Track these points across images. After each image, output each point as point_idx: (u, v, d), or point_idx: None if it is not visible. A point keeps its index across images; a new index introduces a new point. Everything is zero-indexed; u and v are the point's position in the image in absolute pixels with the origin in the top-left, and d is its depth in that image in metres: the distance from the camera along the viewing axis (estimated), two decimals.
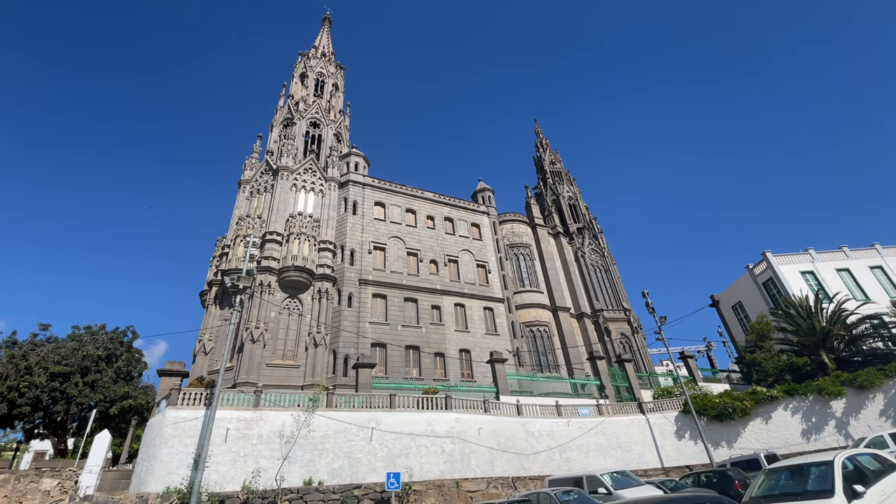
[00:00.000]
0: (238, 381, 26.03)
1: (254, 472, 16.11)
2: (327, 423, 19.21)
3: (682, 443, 26.03)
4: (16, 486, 17.21)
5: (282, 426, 18.02)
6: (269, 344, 28.90)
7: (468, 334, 35.27)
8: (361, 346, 30.60)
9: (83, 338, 27.81)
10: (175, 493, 14.65)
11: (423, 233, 39.29)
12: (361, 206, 37.48)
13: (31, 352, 26.01)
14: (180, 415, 17.12)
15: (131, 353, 29.72)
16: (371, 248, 35.53)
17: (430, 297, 35.74)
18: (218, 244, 34.94)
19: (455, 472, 20.30)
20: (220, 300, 31.47)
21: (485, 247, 41.75)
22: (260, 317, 29.06)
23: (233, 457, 16.92)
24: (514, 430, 23.61)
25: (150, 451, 16.86)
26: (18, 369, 24.91)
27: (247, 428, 17.81)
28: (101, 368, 27.18)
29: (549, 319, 40.82)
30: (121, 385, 27.47)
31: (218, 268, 32.75)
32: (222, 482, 15.89)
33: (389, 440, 19.93)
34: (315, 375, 28.61)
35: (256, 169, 37.56)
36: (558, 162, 62.27)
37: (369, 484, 17.55)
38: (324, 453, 18.58)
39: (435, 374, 32.00)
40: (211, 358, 29.25)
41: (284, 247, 32.29)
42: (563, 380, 35.03)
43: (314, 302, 31.65)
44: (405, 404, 21.75)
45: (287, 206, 34.49)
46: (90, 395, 26.18)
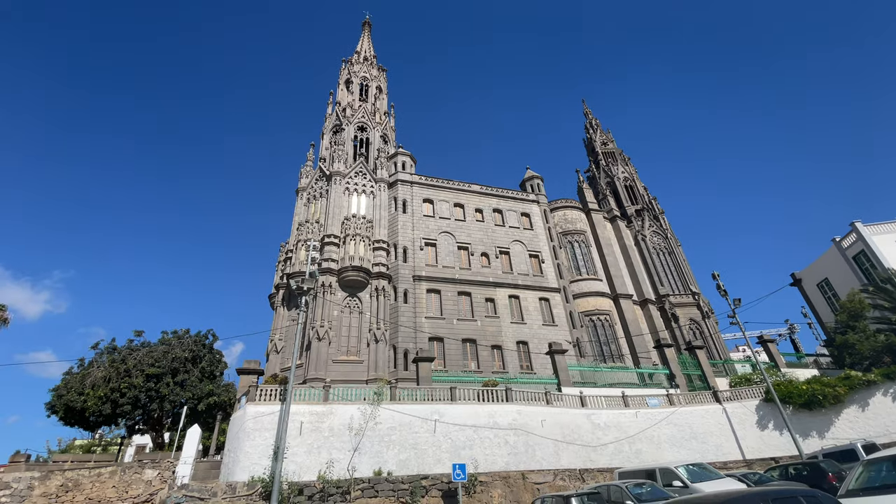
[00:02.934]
0: (308, 377, 27.54)
1: (327, 463, 17.03)
2: (392, 415, 19.83)
3: (766, 433, 24.18)
4: (122, 477, 19.38)
5: (350, 419, 18.86)
6: (333, 341, 30.31)
7: (524, 326, 34.87)
8: (419, 340, 31.24)
9: (171, 342, 30.70)
10: (259, 481, 15.85)
11: (472, 226, 39.27)
12: (410, 203, 38.10)
13: (129, 356, 29.11)
14: (259, 410, 18.43)
15: (213, 354, 32.38)
16: (422, 245, 36.07)
17: (483, 289, 35.71)
18: (282, 250, 37.11)
19: (520, 463, 20.24)
20: (287, 302, 33.42)
21: (536, 236, 40.96)
22: (324, 316, 30.53)
23: (307, 448, 17.98)
24: (579, 421, 23.09)
25: (235, 443, 18.33)
26: (119, 372, 27.99)
27: (319, 421, 18.83)
28: (188, 369, 29.88)
29: (609, 308, 39.38)
30: (206, 383, 30.05)
31: (283, 272, 34.78)
32: (300, 472, 16.94)
33: (453, 432, 20.22)
34: (378, 370, 29.64)
35: (311, 176, 39.33)
36: (610, 142, 59.65)
37: (436, 475, 17.94)
38: (391, 445, 19.22)
39: (493, 367, 31.99)
40: (282, 356, 31.17)
41: (342, 248, 33.62)
42: (628, 369, 33.71)
43: (372, 299, 32.73)
44: (466, 397, 21.96)
45: (342, 210, 35.83)
46: (180, 393, 28.87)
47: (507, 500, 18.04)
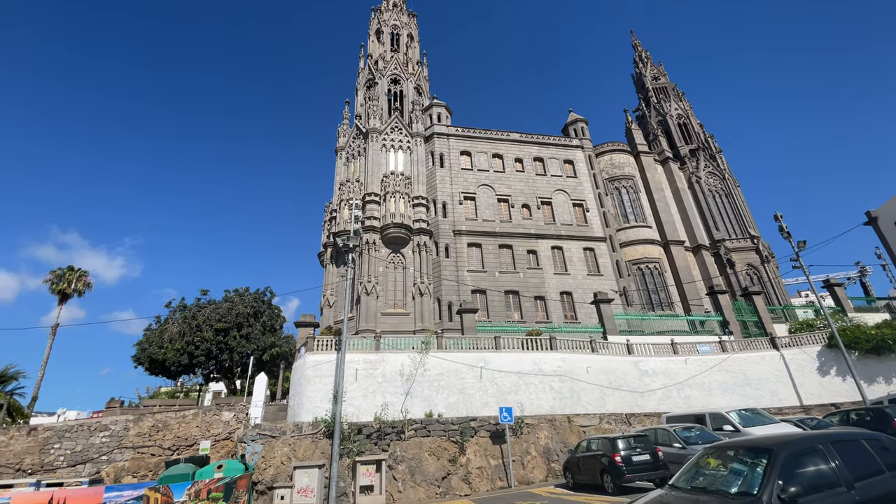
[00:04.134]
0: (359, 328, 29.08)
1: (382, 406, 18.28)
2: (440, 363, 20.71)
3: (826, 379, 23.19)
4: (203, 418, 21.83)
5: (401, 366, 19.92)
6: (381, 295, 31.54)
7: (568, 276, 34.48)
8: (462, 293, 31.81)
9: (234, 299, 33.15)
10: (322, 422, 17.35)
11: (511, 177, 38.30)
12: (448, 157, 37.50)
13: (198, 312, 31.82)
14: (317, 359, 19.82)
15: (272, 310, 34.74)
16: (461, 199, 35.80)
17: (524, 242, 35.33)
18: (326, 210, 38.13)
19: (565, 408, 20.77)
20: (335, 259, 34.79)
21: (580, 184, 39.42)
22: (370, 272, 31.63)
23: (363, 393, 19.31)
24: (625, 368, 23.10)
25: (298, 388, 19.98)
26: (191, 327, 30.79)
27: (372, 368, 20.04)
28: (251, 323, 32.36)
29: (659, 255, 37.94)
30: (268, 336, 32.54)
31: (329, 231, 35.95)
32: (358, 414, 18.34)
33: (498, 378, 20.92)
34: (424, 322, 30.72)
35: (348, 135, 39.40)
36: (662, 76, 54.94)
37: (483, 417, 18.81)
38: (440, 390, 20.24)
39: (536, 317, 32.22)
40: (334, 310, 32.92)
41: (383, 206, 34.06)
42: (678, 317, 32.85)
43: (415, 255, 33.36)
44: (510, 346, 22.43)
45: (380, 167, 35.94)
46: (246, 345, 31.50)
47: (553, 441, 18.73)
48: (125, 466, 19.60)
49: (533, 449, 18.38)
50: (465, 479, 16.74)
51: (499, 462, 17.62)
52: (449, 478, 16.67)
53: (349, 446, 16.43)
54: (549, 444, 18.61)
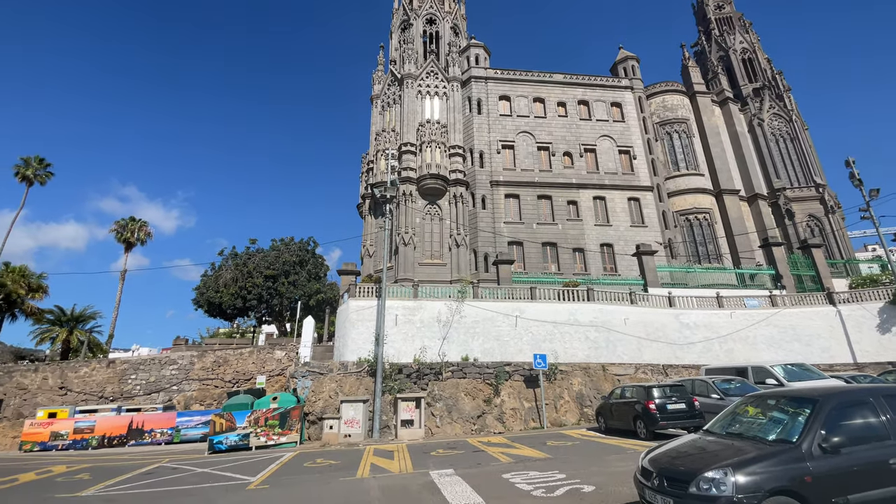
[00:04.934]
0: (398, 278, 29.93)
1: (420, 349, 19.15)
2: (475, 311, 21.17)
3: (887, 337, 21.86)
4: (258, 356, 23.74)
5: (438, 313, 20.55)
6: (418, 246, 32.03)
7: (609, 228, 33.40)
8: (499, 244, 31.71)
9: (280, 248, 34.81)
10: (365, 361, 18.50)
11: (553, 123, 36.49)
12: (486, 103, 36.03)
13: (249, 260, 33.77)
14: (359, 304, 20.77)
15: (316, 258, 36.29)
16: (499, 148, 34.72)
17: (564, 192, 34.22)
18: (364, 161, 38.28)
19: (600, 357, 20.91)
20: (373, 210, 35.32)
21: (628, 129, 37.07)
22: (407, 223, 31.98)
23: (403, 336, 20.23)
24: (665, 320, 22.71)
25: (342, 331, 21.19)
26: (243, 274, 32.83)
27: (410, 314, 20.82)
28: (297, 271, 34.08)
29: (710, 205, 35.84)
30: (313, 283, 34.27)
31: (367, 182, 36.27)
32: (398, 355, 19.34)
33: (533, 327, 21.20)
34: (460, 272, 31.13)
35: (383, 82, 38.48)
36: (727, 4, 49.15)
37: (518, 362, 19.34)
38: (475, 336, 20.84)
39: (574, 269, 31.81)
40: (374, 259, 33.90)
41: (419, 156, 33.70)
42: (725, 270, 31.48)
43: (451, 206, 33.23)
44: (546, 296, 22.47)
45: (416, 115, 35.18)
46: (294, 291, 33.38)
47: (587, 388, 19.10)
48: (193, 396, 21.93)
49: (566, 394, 18.86)
50: (499, 418, 17.56)
51: (532, 405, 18.28)
52: (484, 416, 17.54)
53: (390, 384, 17.51)
54: (582, 391, 19.01)
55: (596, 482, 8.05)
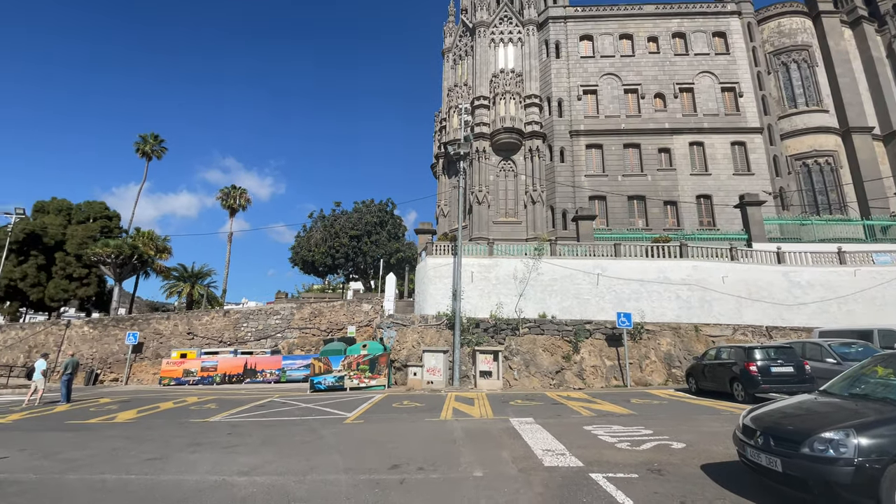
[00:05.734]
0: (473, 236, 30.08)
1: (497, 305, 19.33)
2: (553, 268, 20.68)
3: None
4: (348, 309, 25.63)
5: (514, 270, 20.42)
6: (492, 204, 31.67)
7: (708, 177, 30.12)
8: (578, 199, 30.21)
9: (362, 209, 36.51)
10: (444, 315, 19.19)
11: (643, 61, 32.91)
12: (565, 45, 33.36)
13: (335, 222, 35.95)
14: (436, 262, 21.32)
15: (394, 219, 37.63)
16: (580, 94, 32.30)
17: (655, 139, 31.22)
18: (436, 119, 38.03)
19: (692, 317, 19.51)
20: (446, 170, 35.34)
21: (734, 62, 32.32)
22: (481, 181, 31.60)
23: (479, 293, 20.52)
24: (771, 278, 20.39)
25: (421, 287, 22.03)
26: (331, 234, 35.12)
27: (486, 272, 20.95)
28: (378, 231, 35.68)
29: (834, 147, 30.64)
30: (393, 242, 35.74)
31: (440, 141, 36.16)
32: (474, 311, 19.74)
33: (616, 285, 20.25)
34: (536, 230, 30.38)
35: (454, 34, 37.20)
36: None
37: (599, 321, 18.75)
38: (553, 293, 20.48)
39: (665, 224, 29.44)
40: (449, 219, 34.29)
41: (492, 110, 32.61)
42: (851, 222, 27.10)
43: (526, 161, 32.07)
44: (631, 253, 21.20)
45: (488, 66, 33.78)
46: (376, 250, 35.12)
47: (676, 349, 18.05)
48: (294, 342, 24.52)
49: (653, 354, 18.03)
50: (578, 374, 17.39)
51: (614, 363, 17.78)
52: (563, 372, 17.47)
53: (468, 337, 18.03)
54: (671, 351, 18.02)
55: (686, 440, 7.69)
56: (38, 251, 36.04)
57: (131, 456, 7.36)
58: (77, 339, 24.96)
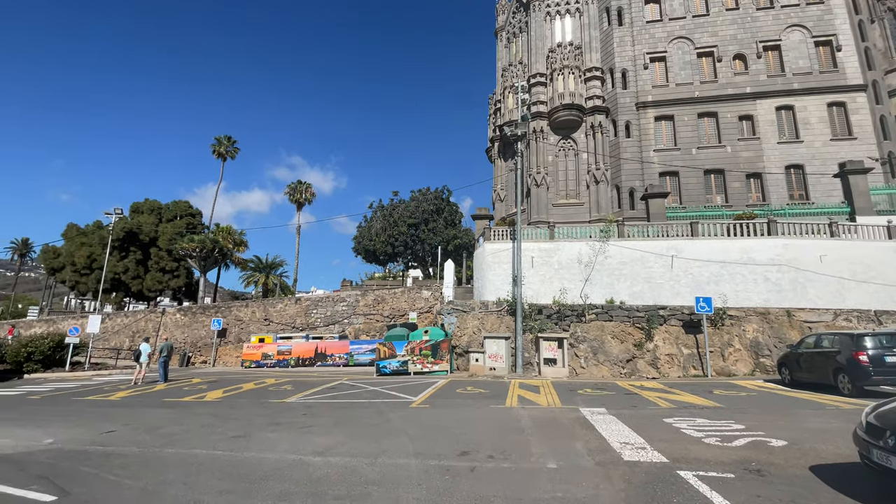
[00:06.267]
0: (531, 220, 29.22)
1: (560, 290, 18.62)
2: (621, 251, 19.53)
3: None
4: (408, 295, 26.06)
5: (578, 254, 19.54)
6: (551, 186, 30.51)
7: (799, 145, 26.80)
8: (647, 177, 28.21)
9: (419, 198, 36.90)
10: (504, 302, 18.85)
11: (719, 20, 29.73)
12: (628, 10, 30.95)
13: (393, 211, 36.67)
14: (494, 247, 20.96)
15: (451, 206, 37.66)
16: (646, 63, 29.91)
17: (735, 105, 28.25)
18: (490, 102, 37.17)
19: (783, 301, 17.57)
20: (502, 153, 34.53)
21: (828, 11, 28.26)
22: (539, 162, 30.49)
23: (540, 278, 19.92)
24: (881, 256, 17.83)
25: (480, 273, 21.81)
26: (389, 223, 35.89)
27: (547, 256, 20.26)
28: (434, 219, 35.93)
29: None
30: (450, 229, 35.85)
31: (494, 124, 35.35)
32: (536, 297, 19.19)
33: (693, 268, 18.72)
34: (600, 211, 28.87)
35: (507, 11, 35.92)
36: None
37: (674, 306, 17.46)
38: (621, 278, 19.37)
39: (748, 199, 26.69)
40: (506, 204, 33.58)
41: (549, 87, 31.20)
42: None
43: (588, 138, 30.44)
44: (710, 232, 19.45)
45: (544, 41, 32.27)
46: (433, 237, 35.43)
47: (765, 336, 16.37)
48: (360, 328, 25.44)
49: (737, 342, 16.51)
50: (652, 363, 16.35)
51: (692, 351, 16.50)
52: (634, 360, 16.53)
53: (530, 324, 17.58)
54: (758, 338, 16.38)
55: (787, 437, 6.86)
56: (136, 247, 40.33)
57: (218, 433, 7.91)
58: (171, 325, 27.69)
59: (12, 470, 5.73)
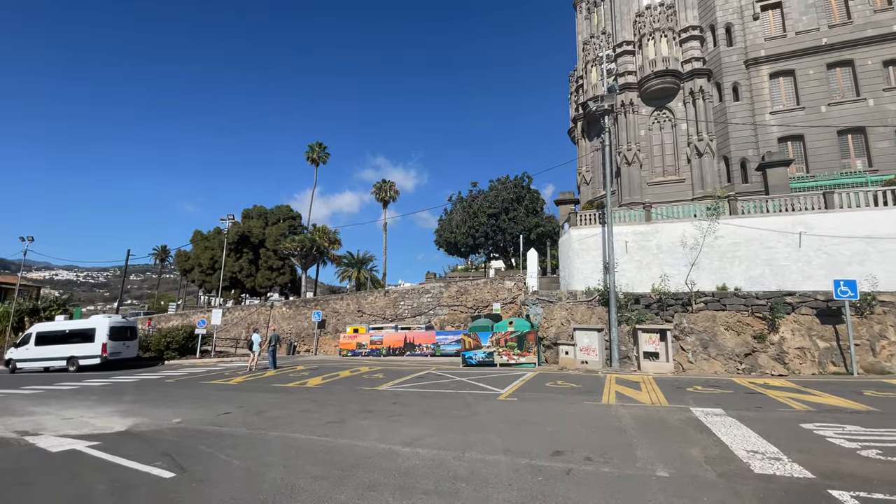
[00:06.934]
0: (622, 202, 27.04)
1: (660, 277, 16.83)
2: (734, 230, 17.14)
3: None
4: (491, 286, 25.69)
5: (681, 236, 17.51)
6: (645, 164, 27.92)
7: None
8: (763, 143, 24.51)
9: (498, 187, 36.17)
10: (595, 291, 17.57)
11: None
12: None
13: (473, 202, 36.42)
14: (582, 233, 19.67)
15: (531, 193, 36.35)
16: (756, 12, 25.87)
17: (877, 49, 23.33)
18: (571, 79, 35.10)
19: None
20: (586, 132, 32.41)
21: None
22: (629, 138, 28.06)
23: (636, 265, 18.26)
24: None
25: (566, 261, 20.66)
26: (469, 214, 35.71)
27: (644, 240, 18.50)
28: (515, 207, 34.95)
29: None
30: (531, 217, 34.63)
31: (576, 102, 33.29)
32: (631, 285, 17.62)
33: (829, 246, 15.79)
34: (704, 187, 25.78)
35: None
36: None
37: (804, 292, 14.85)
38: (735, 261, 17.04)
39: None
40: (592, 187, 31.53)
41: (638, 54, 28.48)
42: None
43: (687, 107, 27.26)
44: (849, 203, 16.24)
45: (630, 5, 29.46)
46: (514, 226, 34.51)
47: None
48: (444, 319, 25.72)
49: (891, 332, 13.59)
50: (777, 358, 14.11)
51: (830, 345, 13.92)
52: (754, 355, 14.41)
53: (626, 314, 16.19)
54: None
55: None
56: (248, 248, 45.23)
57: (315, 418, 8.32)
58: (278, 317, 30.53)
59: (143, 446, 6.51)
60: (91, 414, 9.28)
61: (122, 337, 21.64)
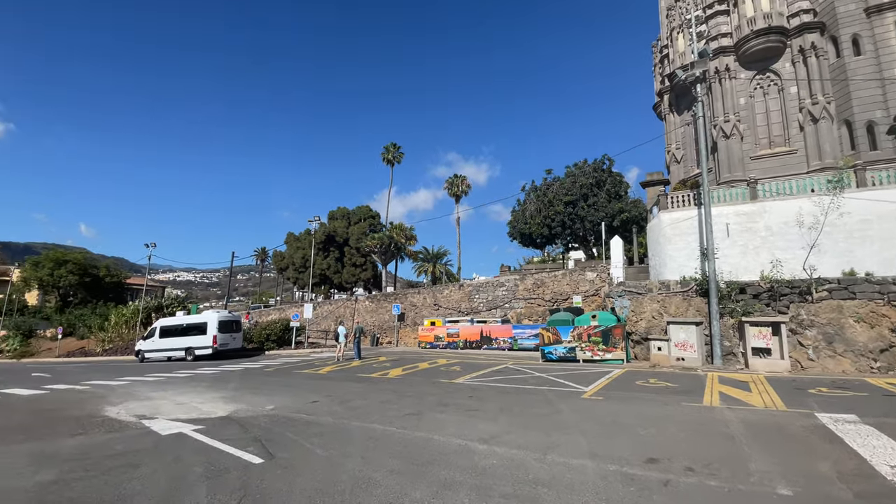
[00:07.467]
0: (721, 180, 24.24)
1: (771, 263, 14.69)
2: (864, 205, 14.48)
3: None
4: (571, 278, 24.55)
5: (797, 215, 15.17)
6: (746, 135, 24.72)
7: None
8: (893, 103, 20.45)
9: (575, 172, 34.38)
10: (692, 280, 15.86)
11: None
12: None
13: (548, 190, 35.05)
14: (674, 216, 17.91)
15: (613, 177, 34.00)
16: None
17: None
18: (654, 50, 32.20)
19: None
20: (674, 106, 29.54)
21: None
22: (726, 108, 25.02)
23: (740, 249, 16.21)
24: None
25: (656, 248, 18.97)
26: (544, 204, 34.40)
27: (749, 221, 16.36)
28: (595, 193, 32.96)
29: None
30: (614, 203, 32.40)
31: (661, 74, 30.47)
32: (735, 272, 15.66)
33: None
34: (822, 158, 22.21)
35: None
36: None
37: None
38: (865, 241, 14.42)
39: None
40: (683, 165, 28.70)
41: (734, 14, 25.20)
42: None
43: (796, 66, 23.59)
44: None
45: None
46: (594, 213, 32.58)
47: None
48: (521, 312, 25.13)
49: None
50: None
51: None
52: (893, 350, 12.05)
53: (730, 306, 14.42)
54: None
55: None
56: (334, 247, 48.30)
57: (394, 409, 8.46)
58: (362, 310, 32.12)
59: (239, 432, 7.06)
60: (199, 399, 10.37)
61: (230, 329, 24.18)
